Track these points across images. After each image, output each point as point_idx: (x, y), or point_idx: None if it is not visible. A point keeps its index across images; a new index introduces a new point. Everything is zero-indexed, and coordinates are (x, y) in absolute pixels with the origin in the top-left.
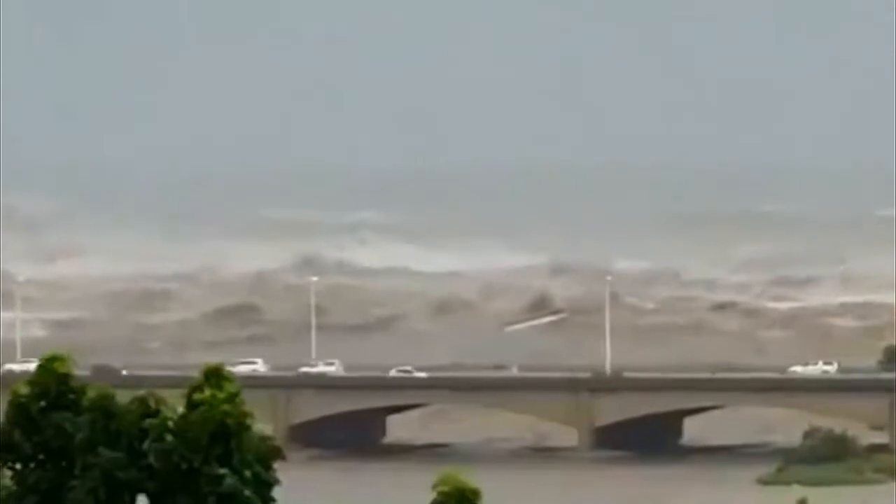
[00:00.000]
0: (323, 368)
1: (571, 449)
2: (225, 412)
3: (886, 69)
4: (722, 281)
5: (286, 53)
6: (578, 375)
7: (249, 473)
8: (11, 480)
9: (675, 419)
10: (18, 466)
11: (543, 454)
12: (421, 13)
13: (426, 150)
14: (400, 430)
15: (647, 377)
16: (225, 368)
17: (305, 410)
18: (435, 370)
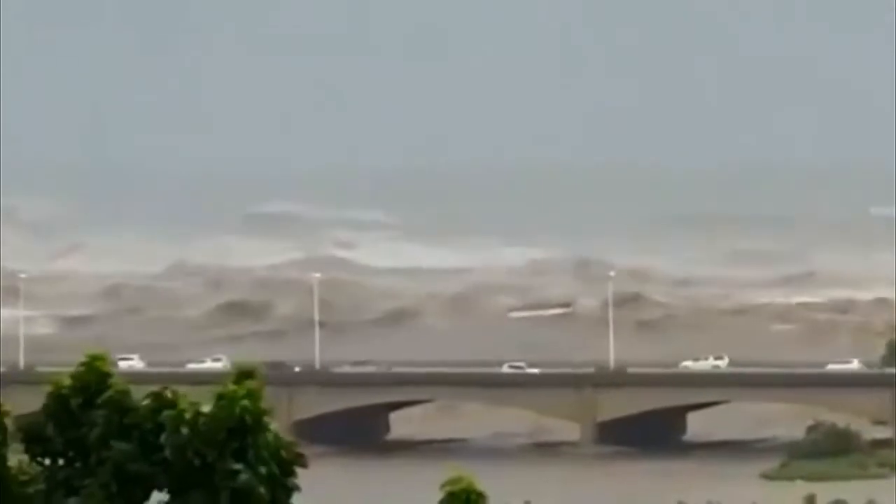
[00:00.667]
0: (210, 364)
1: (574, 444)
2: (243, 408)
3: (886, 69)
4: (722, 278)
5: (286, 53)
6: (582, 371)
7: (265, 470)
8: (41, 475)
9: (678, 414)
10: (47, 461)
11: (546, 450)
12: (421, 13)
13: (426, 150)
14: (403, 426)
15: (650, 372)
16: (257, 367)
17: (308, 407)
18: (437, 365)
